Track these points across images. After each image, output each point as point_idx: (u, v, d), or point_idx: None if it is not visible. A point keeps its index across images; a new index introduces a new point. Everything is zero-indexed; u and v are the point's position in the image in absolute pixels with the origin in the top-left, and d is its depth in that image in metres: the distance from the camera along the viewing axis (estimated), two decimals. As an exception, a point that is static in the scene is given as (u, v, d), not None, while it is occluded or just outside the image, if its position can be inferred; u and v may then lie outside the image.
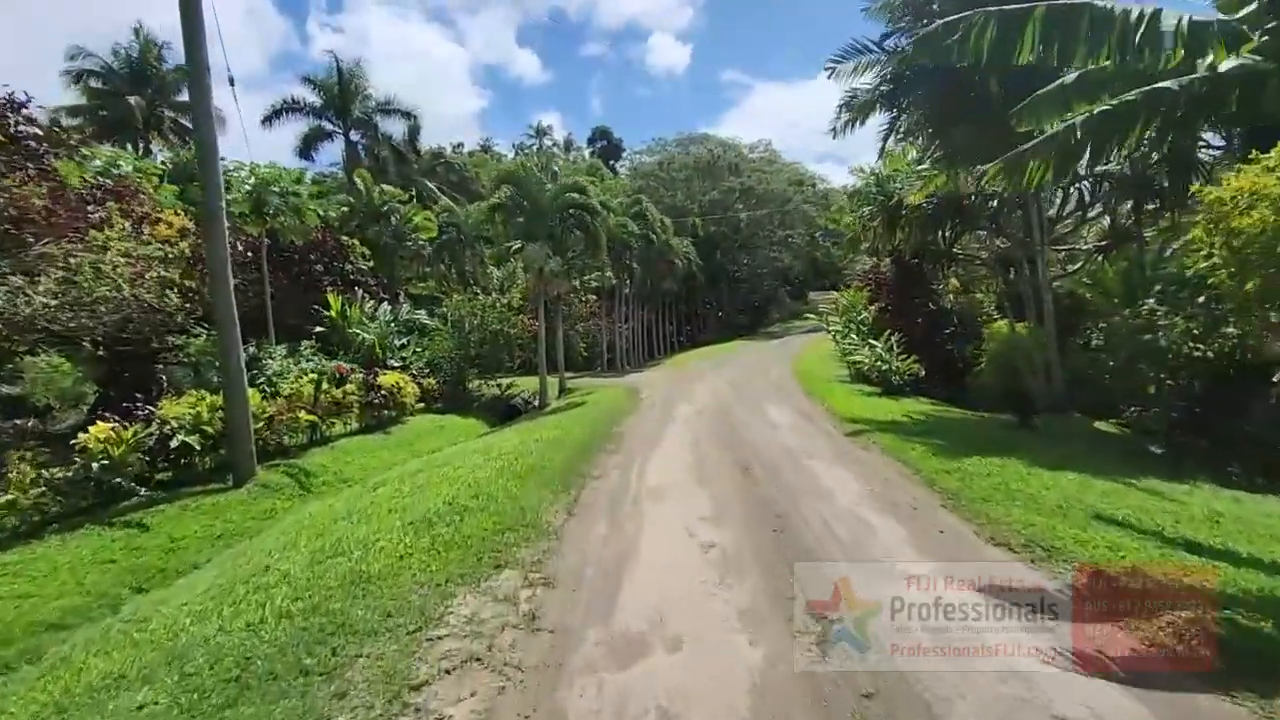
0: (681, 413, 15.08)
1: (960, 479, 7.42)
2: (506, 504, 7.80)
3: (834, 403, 14.28)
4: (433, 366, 23.31)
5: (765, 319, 59.98)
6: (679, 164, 57.29)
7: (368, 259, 27.17)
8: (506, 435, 14.49)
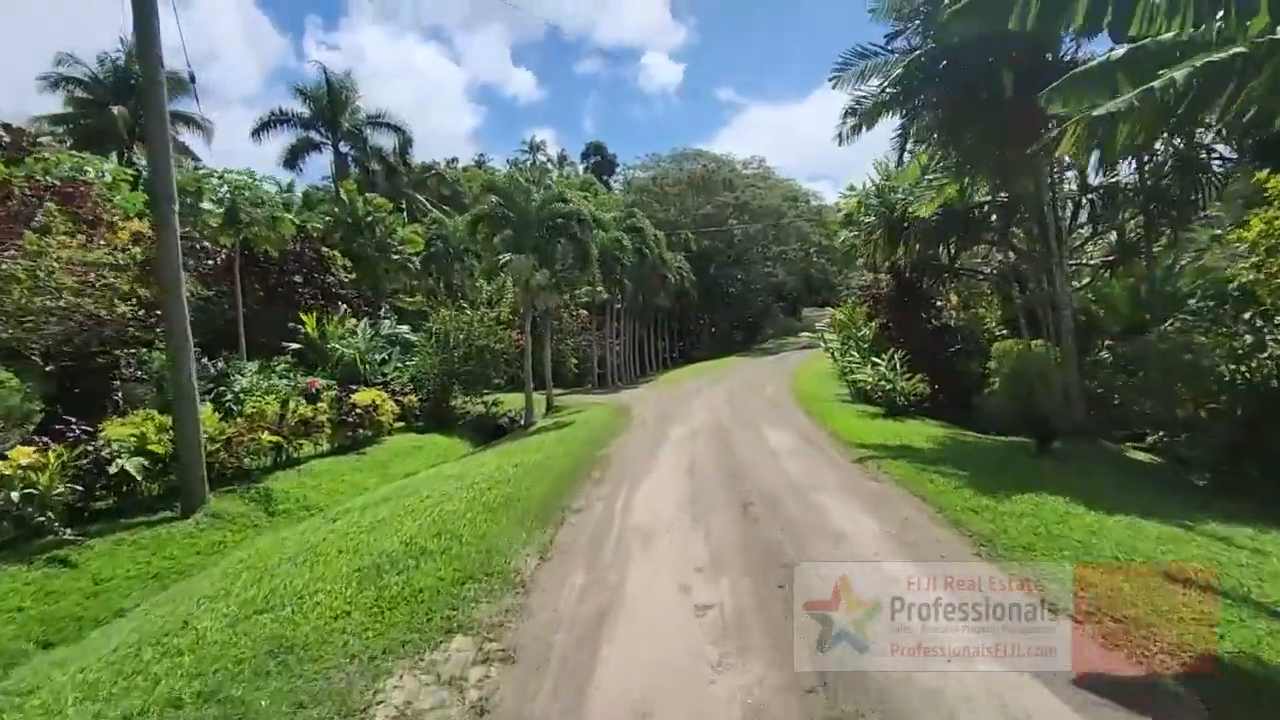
0: (674, 434, 14.12)
1: (991, 519, 6.47)
2: (471, 546, 6.80)
3: (837, 425, 13.35)
4: (416, 383, 22.31)
5: (759, 335, 59.24)
6: (672, 179, 56.80)
7: (350, 271, 26.23)
8: (486, 458, 13.48)
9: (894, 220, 17.95)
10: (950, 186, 14.17)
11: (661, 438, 13.81)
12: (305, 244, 24.64)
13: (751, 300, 57.00)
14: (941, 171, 14.28)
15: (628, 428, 15.99)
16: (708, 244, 52.47)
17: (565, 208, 19.47)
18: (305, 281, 23.62)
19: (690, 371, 36.59)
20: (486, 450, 15.98)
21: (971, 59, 12.17)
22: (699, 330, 56.61)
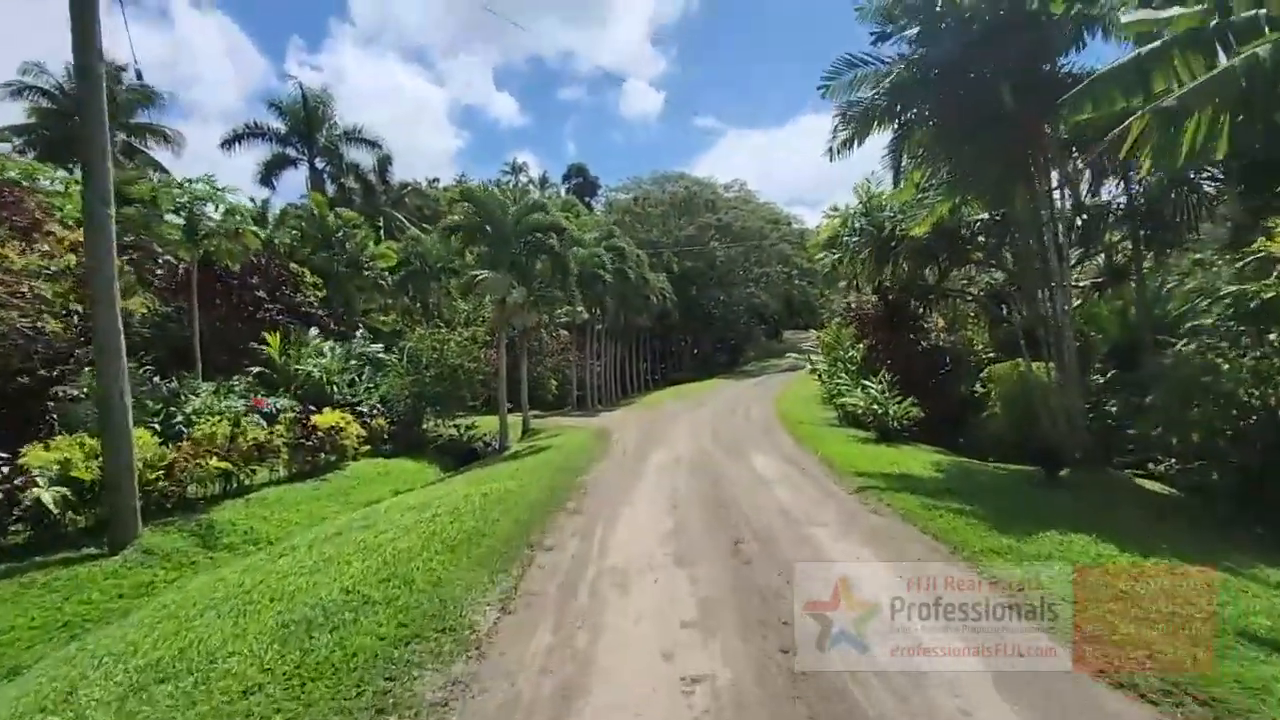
0: (656, 460, 13.28)
1: (1016, 561, 5.72)
2: (423, 594, 5.90)
3: (829, 450, 12.60)
4: (386, 405, 21.28)
5: (741, 357, 58.76)
6: (654, 200, 56.54)
7: (319, 289, 25.21)
8: (454, 486, 12.52)
9: (882, 240, 17.46)
10: (943, 205, 13.66)
11: (643, 464, 12.97)
12: (272, 259, 23.63)
13: (734, 322, 56.62)
14: (934, 189, 13.78)
15: (607, 453, 15.12)
16: (690, 265, 52.12)
17: (543, 219, 18.74)
18: (271, 298, 22.55)
19: (672, 393, 35.82)
20: (456, 477, 15.00)
21: (966, 69, 11.72)
22: (681, 351, 56.01)
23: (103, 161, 9.81)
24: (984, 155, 12.12)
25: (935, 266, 16.63)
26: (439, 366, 21.16)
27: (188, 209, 17.78)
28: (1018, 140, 11.54)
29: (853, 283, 20.30)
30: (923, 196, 13.83)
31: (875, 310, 18.74)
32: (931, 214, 13.79)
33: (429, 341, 21.55)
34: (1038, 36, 10.70)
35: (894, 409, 13.92)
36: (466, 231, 18.74)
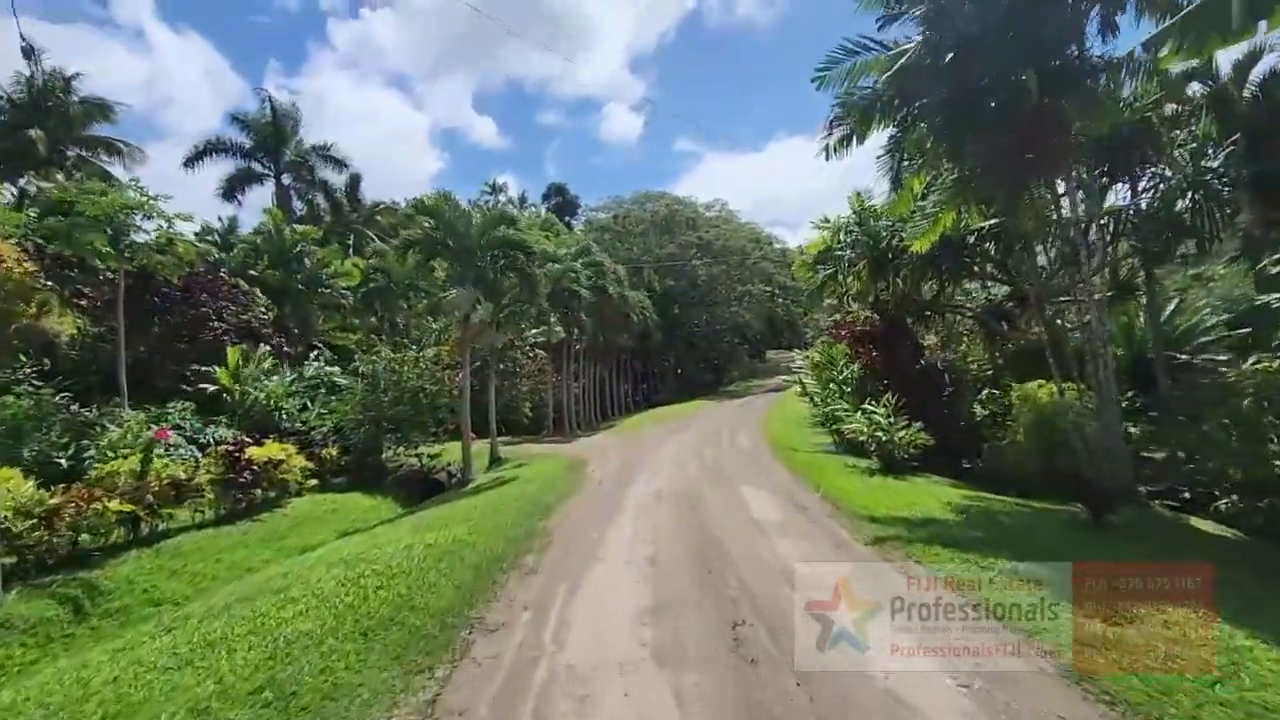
0: (634, 498, 11.64)
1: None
2: (304, 715, 4.22)
3: (830, 485, 11.05)
4: (340, 432, 19.44)
5: (724, 378, 57.29)
6: (635, 218, 55.34)
7: (271, 307, 23.40)
8: (398, 532, 10.76)
9: (879, 252, 16.15)
10: (947, 214, 12.32)
11: (619, 502, 11.31)
12: (219, 275, 21.80)
13: (716, 341, 55.25)
14: (936, 195, 12.44)
15: (580, 487, 13.45)
16: (672, 284, 50.87)
17: (509, 234, 17.17)
18: (219, 317, 20.68)
19: (654, 417, 34.21)
20: (408, 517, 13.20)
21: (982, 57, 10.42)
22: (663, 372, 54.47)
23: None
24: (997, 153, 10.80)
25: (936, 280, 15.31)
26: (397, 389, 19.40)
27: (113, 218, 15.95)
28: (1038, 135, 10.24)
29: (845, 299, 18.95)
30: (922, 205, 12.48)
31: (871, 327, 17.36)
32: (934, 226, 12.43)
33: (386, 362, 19.79)
34: (1066, 16, 9.45)
35: (900, 436, 12.45)
36: (424, 248, 17.06)
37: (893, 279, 16.34)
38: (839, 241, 17.19)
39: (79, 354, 19.18)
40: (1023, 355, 14.80)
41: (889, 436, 12.49)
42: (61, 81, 34.85)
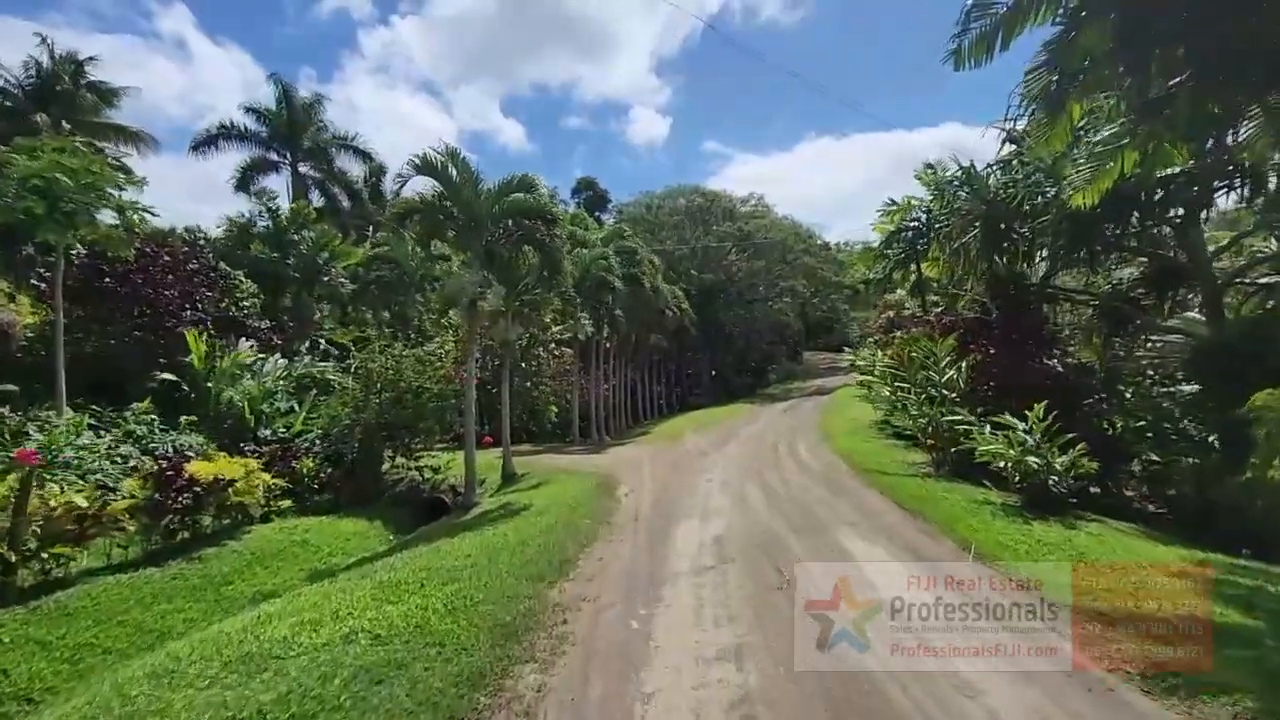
0: (687, 546, 8.28)
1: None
2: None
3: (980, 536, 7.52)
4: (329, 440, 16.43)
5: (763, 380, 53.39)
6: (669, 209, 51.90)
7: (258, 296, 20.59)
8: (354, 595, 7.54)
9: (999, 214, 12.52)
10: (1129, 154, 8.68)
11: (665, 555, 7.96)
12: (196, 258, 19.00)
13: (756, 341, 51.47)
14: (1118, 124, 8.82)
15: (609, 523, 10.12)
16: (709, 278, 47.32)
17: (527, 201, 13.93)
18: (189, 304, 17.84)
19: (691, 422, 30.69)
20: (386, 561, 9.97)
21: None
22: (698, 374, 50.89)
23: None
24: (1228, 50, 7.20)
25: (1089, 250, 11.65)
26: (394, 389, 16.32)
27: (47, 180, 13.12)
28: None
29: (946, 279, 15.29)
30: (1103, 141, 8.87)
31: (983, 315, 13.67)
32: (1107, 170, 8.80)
33: (383, 358, 16.73)
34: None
35: (1061, 462, 8.85)
36: (425, 217, 13.93)
37: (1022, 249, 12.70)
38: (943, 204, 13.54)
39: (31, 349, 16.54)
40: (1214, 354, 11.02)
41: (1044, 462, 8.90)
42: (72, 66, 32.74)
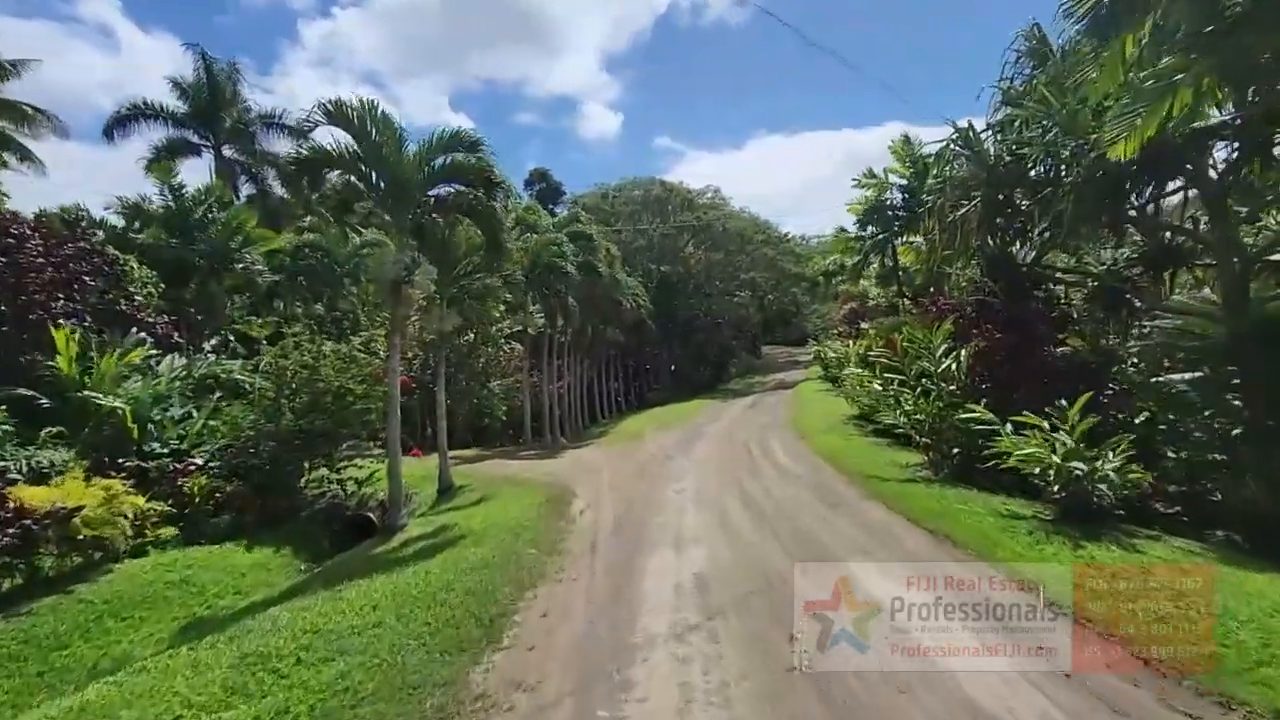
0: (655, 589, 6.39)
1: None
2: None
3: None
4: (234, 452, 13.96)
5: (724, 375, 51.89)
6: (625, 198, 49.87)
7: (153, 284, 17.84)
8: (205, 678, 5.39)
9: (1003, 181, 10.96)
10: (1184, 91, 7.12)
11: (629, 604, 6.03)
12: (76, 241, 16.16)
13: (715, 335, 49.91)
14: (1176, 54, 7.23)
15: (558, 555, 8.12)
16: (667, 269, 45.55)
17: (465, 161, 11.77)
18: (64, 293, 15.04)
19: (652, 420, 28.83)
20: (284, 607, 7.77)
21: None
22: (657, 369, 49.12)
23: None
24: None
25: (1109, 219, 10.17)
26: (312, 391, 13.98)
27: None
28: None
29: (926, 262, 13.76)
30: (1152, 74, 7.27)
31: (986, 298, 12.09)
32: (1163, 105, 7.21)
33: (298, 354, 14.34)
34: None
35: (1109, 470, 7.26)
36: (339, 178, 11.65)
37: (1017, 224, 11.17)
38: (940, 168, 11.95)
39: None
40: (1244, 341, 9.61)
41: (1091, 468, 7.30)
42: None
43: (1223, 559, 6.63)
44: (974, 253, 13.24)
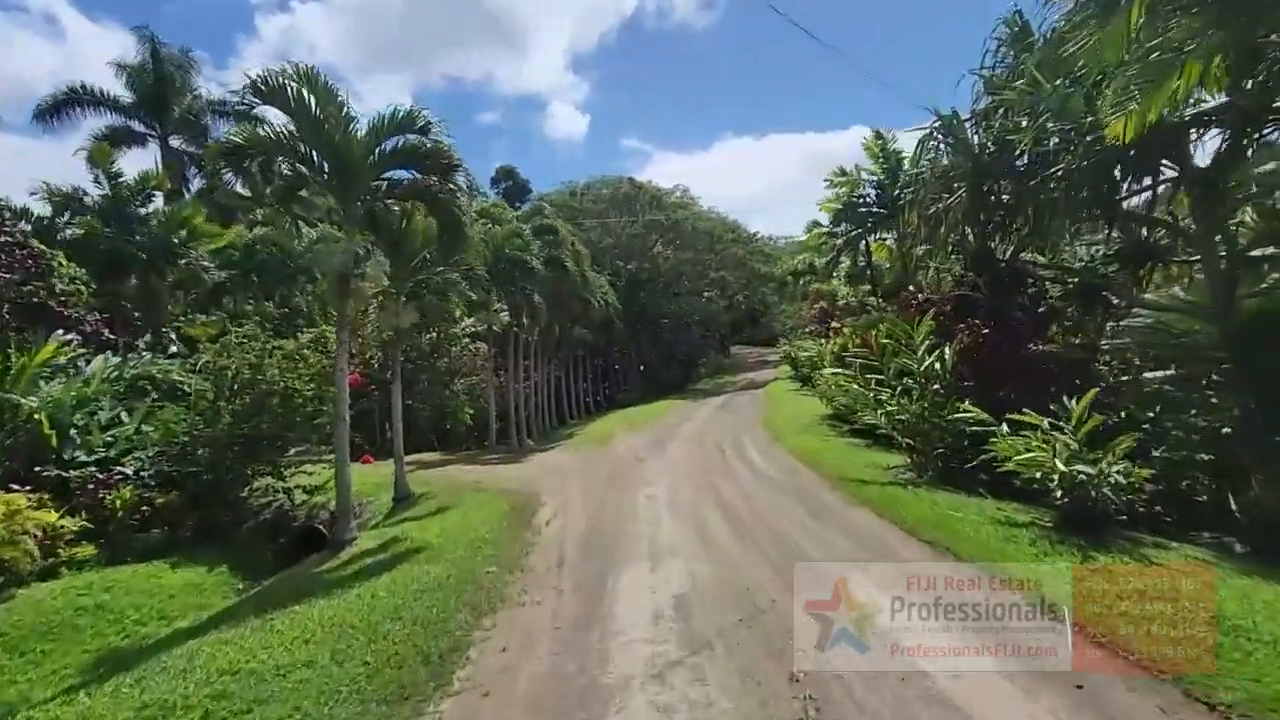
0: (630, 615, 5.67)
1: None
2: None
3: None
4: (168, 459, 12.84)
5: (693, 375, 51.39)
6: (593, 195, 49.00)
7: (84, 279, 16.51)
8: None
9: (988, 171, 10.51)
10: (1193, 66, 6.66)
11: (601, 635, 5.29)
12: None
13: (684, 334, 49.38)
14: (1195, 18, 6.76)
15: (521, 573, 7.34)
16: (634, 266, 44.84)
17: (418, 144, 10.89)
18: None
19: (622, 421, 28.07)
20: (203, 640, 6.84)
21: None
22: (626, 369, 48.39)
23: None
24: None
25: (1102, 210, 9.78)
26: (254, 392, 12.93)
27: None
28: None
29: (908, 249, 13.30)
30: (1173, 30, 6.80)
31: (968, 293, 11.64)
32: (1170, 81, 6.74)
33: (241, 353, 13.27)
34: None
35: (1116, 473, 6.77)
36: (271, 164, 10.67)
37: (998, 217, 10.73)
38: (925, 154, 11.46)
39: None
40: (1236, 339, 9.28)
41: (1098, 473, 6.80)
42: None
43: (1244, 570, 6.15)
44: (954, 247, 12.81)
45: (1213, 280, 10.95)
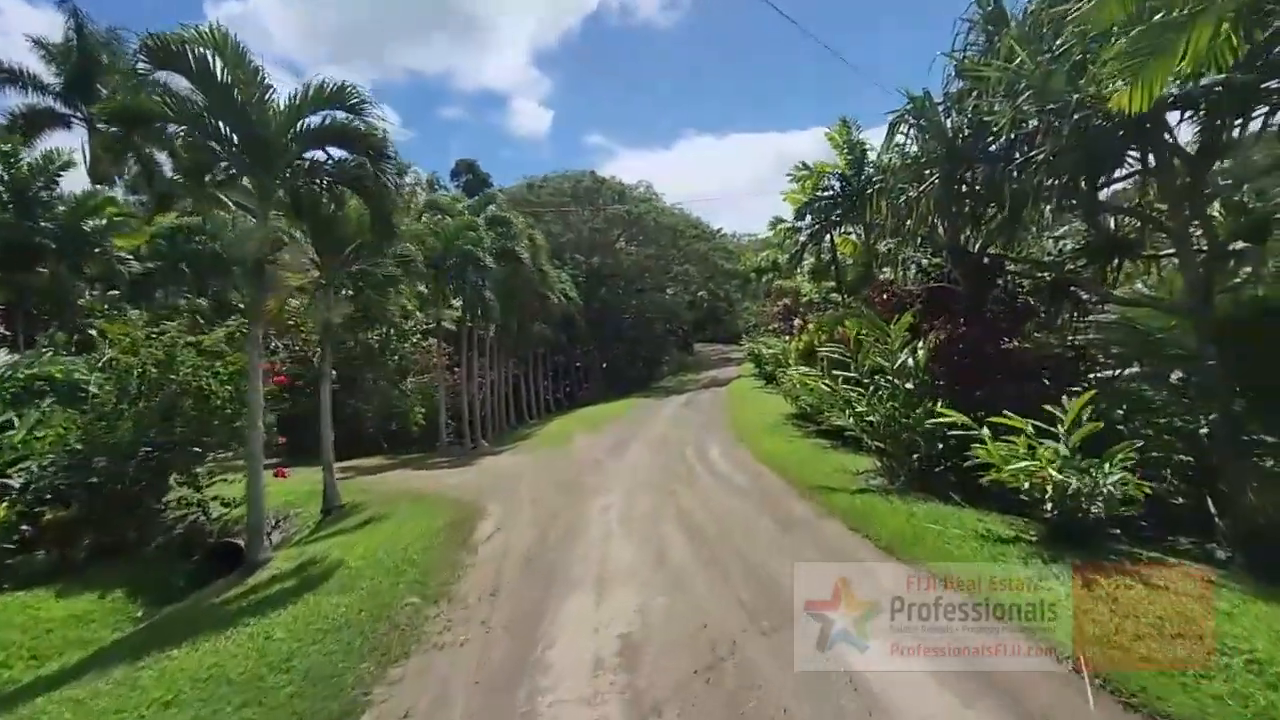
0: (566, 663, 4.73)
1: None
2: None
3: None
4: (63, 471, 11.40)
5: (656, 372, 50.60)
6: (553, 189, 47.78)
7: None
8: None
9: (964, 156, 9.85)
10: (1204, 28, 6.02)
11: (529, 694, 4.33)
12: None
13: (647, 331, 48.55)
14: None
15: (448, 603, 6.33)
16: (596, 261, 43.82)
17: (343, 123, 9.75)
18: None
19: (582, 422, 27.05)
20: (54, 696, 5.67)
21: None
22: (587, 367, 47.33)
23: None
24: None
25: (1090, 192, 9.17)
26: (163, 394, 11.60)
27: None
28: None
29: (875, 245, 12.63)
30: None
31: (944, 286, 10.99)
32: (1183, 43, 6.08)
33: (148, 349, 11.90)
34: None
35: (1111, 484, 6.10)
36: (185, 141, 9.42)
37: (968, 207, 10.09)
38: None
39: None
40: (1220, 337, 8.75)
41: (1095, 482, 6.12)
42: None
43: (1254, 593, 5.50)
44: (922, 239, 12.17)
45: (1190, 276, 10.50)
